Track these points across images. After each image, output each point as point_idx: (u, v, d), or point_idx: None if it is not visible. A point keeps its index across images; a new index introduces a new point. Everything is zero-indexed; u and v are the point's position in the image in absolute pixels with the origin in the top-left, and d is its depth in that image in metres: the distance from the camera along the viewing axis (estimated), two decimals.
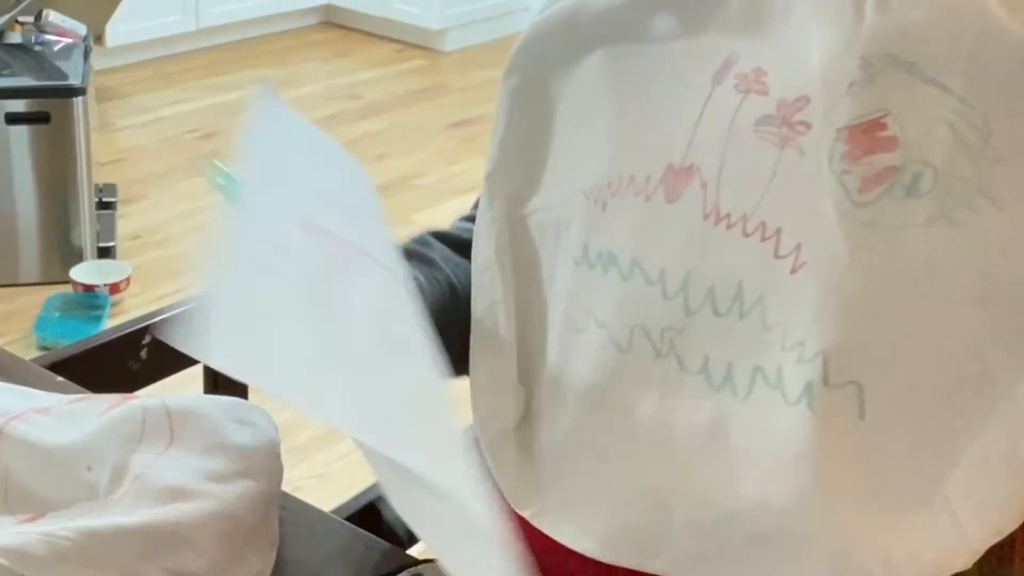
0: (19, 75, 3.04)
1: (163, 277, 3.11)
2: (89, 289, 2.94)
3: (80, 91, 3.00)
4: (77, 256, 3.07)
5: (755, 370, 0.77)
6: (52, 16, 3.24)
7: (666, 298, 0.80)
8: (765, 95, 0.78)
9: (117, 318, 2.83)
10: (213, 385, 1.40)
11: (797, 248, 0.76)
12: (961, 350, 0.74)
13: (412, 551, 0.95)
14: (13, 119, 2.97)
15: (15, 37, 3.21)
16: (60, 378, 1.12)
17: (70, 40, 3.22)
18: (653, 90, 0.84)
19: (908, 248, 0.74)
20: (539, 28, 0.91)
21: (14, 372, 1.11)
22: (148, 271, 3.14)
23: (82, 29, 3.30)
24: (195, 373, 1.40)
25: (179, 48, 4.70)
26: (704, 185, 0.80)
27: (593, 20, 0.87)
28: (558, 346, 0.87)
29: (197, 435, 0.90)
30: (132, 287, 3.01)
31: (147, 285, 3.07)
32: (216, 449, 0.89)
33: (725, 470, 0.78)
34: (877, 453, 0.75)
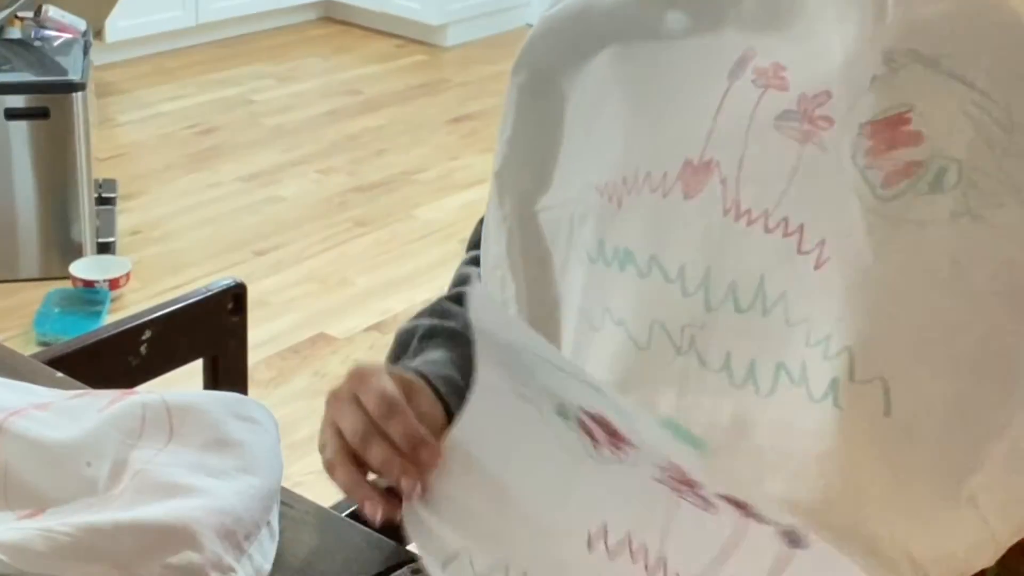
0: (19, 70, 3.03)
1: (163, 272, 3.11)
2: (89, 285, 2.93)
3: (80, 86, 3.00)
4: (77, 251, 3.07)
5: (778, 367, 0.77)
6: (52, 11, 3.24)
7: (686, 295, 0.80)
8: (785, 90, 0.78)
9: (117, 314, 2.83)
10: (213, 380, 1.40)
11: (821, 244, 0.76)
12: (986, 345, 0.74)
13: (412, 547, 0.95)
14: (13, 115, 2.97)
15: (14, 32, 3.21)
16: (60, 374, 1.12)
17: (69, 35, 3.21)
18: (667, 86, 0.84)
19: (933, 243, 0.74)
20: (548, 24, 0.90)
21: (14, 368, 1.11)
22: (148, 266, 3.14)
23: (82, 24, 3.30)
24: (195, 368, 1.40)
25: (179, 43, 4.69)
26: (723, 181, 0.79)
27: (603, 17, 0.87)
28: (573, 344, 0.86)
29: (197, 431, 0.90)
30: (132, 282, 3.01)
31: (147, 280, 3.07)
32: (216, 445, 0.89)
33: (749, 468, 0.78)
34: (902, 449, 0.75)
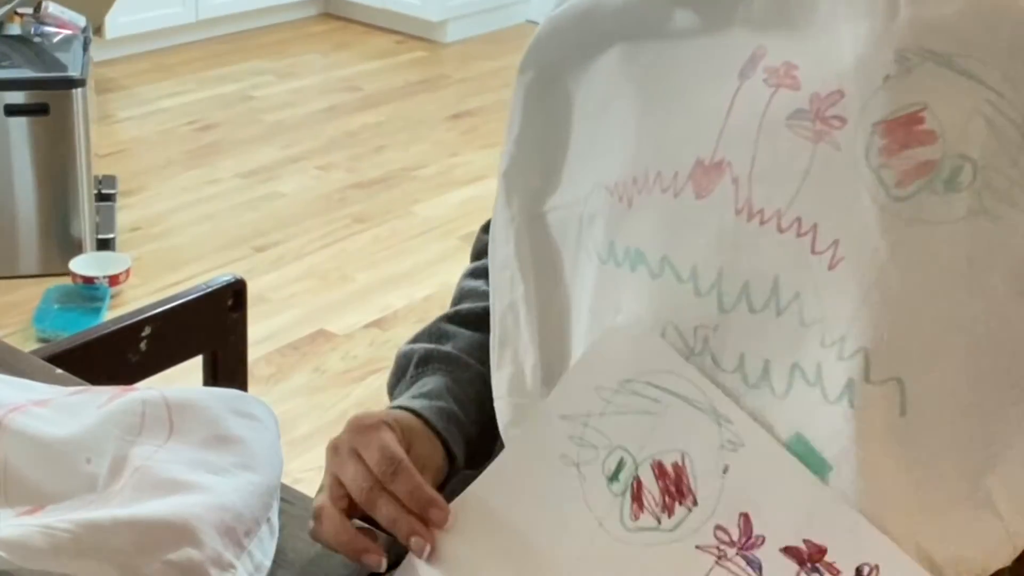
0: (18, 67, 3.03)
1: (162, 269, 3.11)
2: (88, 281, 2.93)
3: (79, 83, 3.00)
4: (76, 248, 3.07)
5: (793, 367, 0.77)
6: (51, 7, 3.24)
7: (698, 295, 0.80)
8: (796, 89, 0.78)
9: (116, 310, 2.83)
10: (213, 377, 1.40)
11: (835, 243, 0.75)
12: (1002, 344, 0.74)
13: None
14: (12, 111, 2.96)
15: (14, 28, 3.21)
16: (59, 370, 1.12)
17: (69, 31, 3.21)
18: (676, 85, 0.84)
19: (948, 242, 0.74)
20: (554, 23, 0.90)
21: (13, 364, 1.11)
22: (147, 263, 3.13)
23: (81, 20, 3.30)
24: (194, 365, 1.39)
25: (178, 39, 4.69)
26: (735, 180, 0.79)
27: (611, 15, 0.87)
28: (584, 345, 0.86)
29: (197, 427, 0.89)
30: (131, 279, 3.01)
31: (146, 277, 3.06)
32: (215, 441, 0.89)
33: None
34: (919, 450, 0.74)
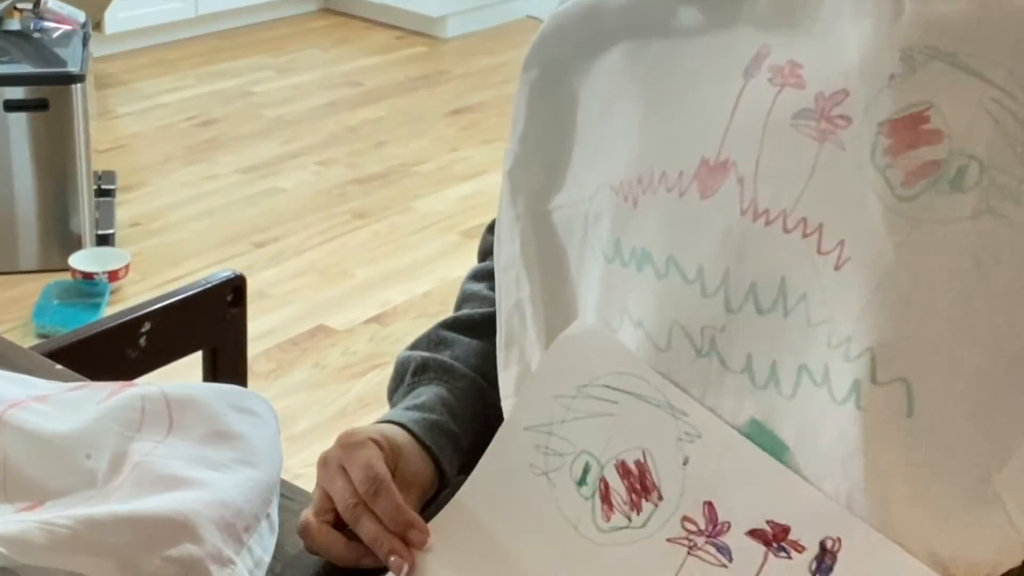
0: (18, 62, 3.03)
1: (162, 264, 3.11)
2: (88, 277, 2.93)
3: (79, 78, 2.99)
4: (76, 243, 3.06)
5: (800, 368, 0.77)
6: (51, 3, 3.24)
7: (705, 296, 0.80)
8: (801, 88, 0.77)
9: (116, 306, 2.83)
10: (212, 373, 1.39)
11: (840, 244, 0.75)
12: (1009, 344, 0.74)
13: None
14: (12, 106, 2.96)
15: (14, 24, 3.20)
16: (59, 366, 1.12)
17: (69, 27, 3.21)
18: (680, 84, 0.83)
19: (954, 242, 0.73)
20: (558, 20, 0.90)
21: (13, 360, 1.10)
22: (147, 258, 3.13)
23: (81, 16, 3.29)
24: (194, 360, 1.39)
25: (178, 35, 4.68)
26: (741, 180, 0.79)
27: (615, 13, 0.87)
28: None
29: (196, 423, 0.89)
30: (131, 274, 3.01)
31: (146, 272, 3.06)
32: (215, 437, 0.89)
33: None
34: (926, 451, 0.74)
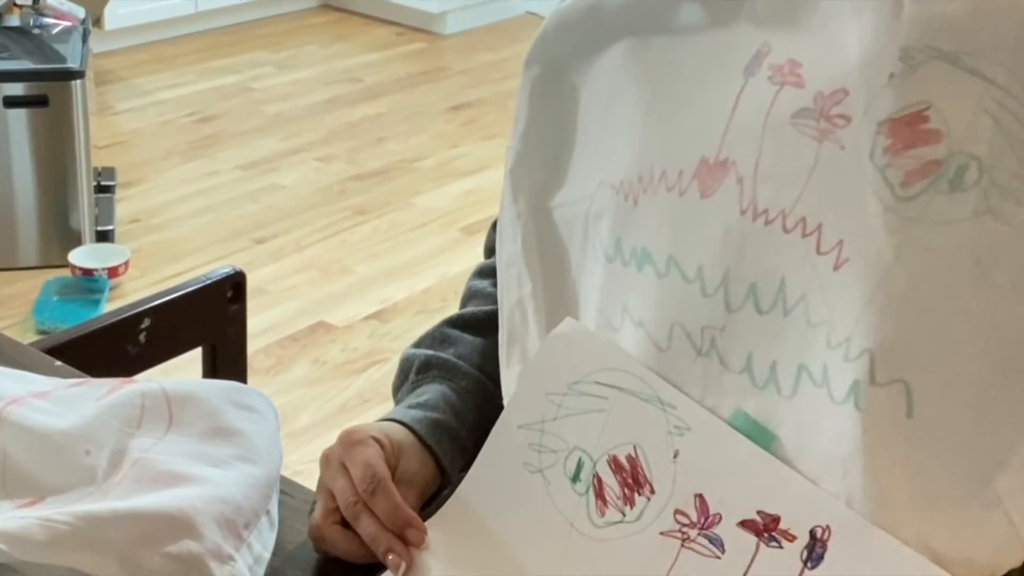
0: (17, 58, 3.02)
1: (162, 261, 3.11)
2: (88, 273, 2.93)
3: (78, 74, 2.99)
4: (76, 240, 3.06)
5: (800, 368, 0.76)
6: None
7: (705, 296, 0.80)
8: (801, 87, 0.77)
9: (116, 302, 2.83)
10: (212, 369, 1.39)
11: (840, 244, 0.75)
12: (1010, 345, 0.73)
13: None
14: (11, 102, 2.96)
15: (13, 20, 3.20)
16: (58, 362, 1.12)
17: (68, 23, 3.20)
18: (681, 82, 0.83)
19: (954, 242, 0.73)
20: (560, 18, 0.90)
21: (12, 356, 1.10)
22: (147, 255, 3.13)
23: (80, 12, 3.29)
24: (194, 357, 1.39)
25: (178, 31, 4.68)
26: (740, 180, 0.79)
27: (616, 10, 0.86)
28: None
29: (196, 419, 0.89)
30: (131, 271, 3.01)
31: (146, 269, 3.06)
32: (215, 433, 0.89)
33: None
34: (925, 452, 0.74)
